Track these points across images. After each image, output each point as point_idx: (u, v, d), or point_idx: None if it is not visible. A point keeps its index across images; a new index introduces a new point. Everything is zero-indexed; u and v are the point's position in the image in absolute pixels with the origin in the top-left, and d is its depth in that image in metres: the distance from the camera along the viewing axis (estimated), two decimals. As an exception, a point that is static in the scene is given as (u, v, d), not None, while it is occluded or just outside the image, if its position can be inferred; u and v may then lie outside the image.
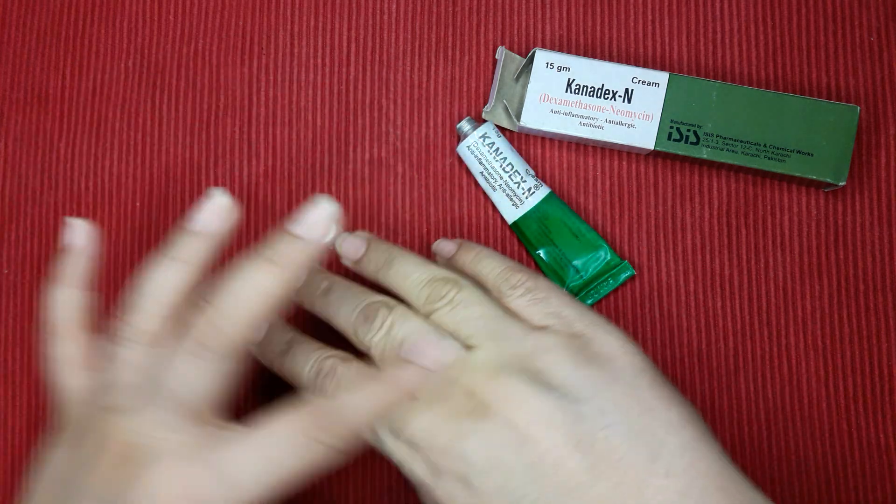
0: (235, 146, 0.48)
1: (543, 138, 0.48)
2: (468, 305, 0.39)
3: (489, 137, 0.46)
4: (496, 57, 0.47)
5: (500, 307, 0.39)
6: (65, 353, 0.36)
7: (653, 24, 0.48)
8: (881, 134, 0.47)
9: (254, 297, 0.35)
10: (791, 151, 0.45)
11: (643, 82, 0.45)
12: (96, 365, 0.36)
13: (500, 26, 0.48)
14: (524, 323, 0.38)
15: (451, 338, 0.38)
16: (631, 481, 0.35)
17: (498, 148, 0.46)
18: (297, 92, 0.48)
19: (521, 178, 0.46)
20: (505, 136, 0.47)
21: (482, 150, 0.46)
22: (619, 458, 0.35)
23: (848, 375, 0.46)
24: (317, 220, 0.35)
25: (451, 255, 0.42)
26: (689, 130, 0.45)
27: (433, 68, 0.48)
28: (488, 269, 0.41)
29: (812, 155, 0.45)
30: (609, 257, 0.46)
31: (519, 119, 0.46)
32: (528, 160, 0.47)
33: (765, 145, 0.45)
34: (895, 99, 0.47)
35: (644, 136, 0.45)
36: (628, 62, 0.48)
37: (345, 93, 0.48)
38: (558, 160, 0.48)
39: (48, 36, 0.49)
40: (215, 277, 0.36)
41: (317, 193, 0.41)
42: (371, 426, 0.38)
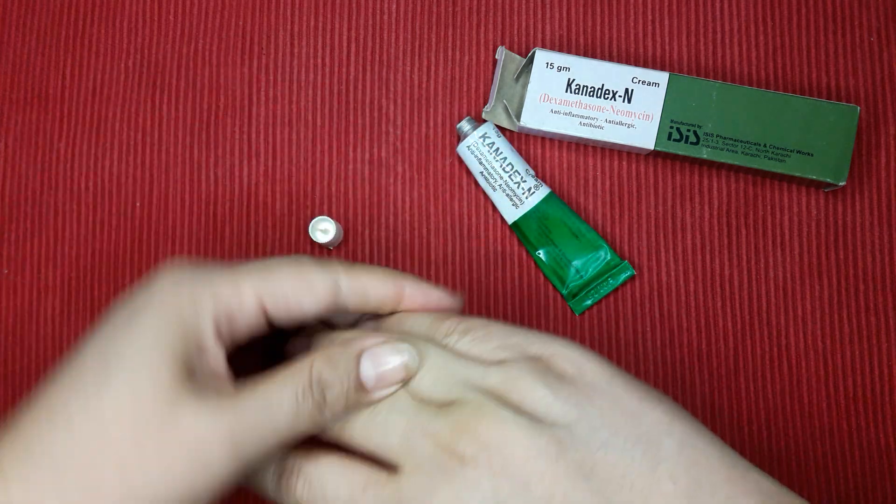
0: (235, 146, 0.48)
1: (543, 138, 0.48)
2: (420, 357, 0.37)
3: (489, 137, 0.46)
4: (496, 57, 0.47)
5: (448, 351, 0.36)
6: None
7: (653, 24, 0.48)
8: (881, 134, 0.47)
9: None
10: (791, 151, 0.45)
11: (643, 82, 0.45)
12: None
13: (500, 26, 0.48)
14: (478, 360, 0.36)
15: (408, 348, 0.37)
16: (639, 495, 0.34)
17: (498, 148, 0.46)
18: (297, 92, 0.48)
19: (521, 178, 0.46)
20: (505, 136, 0.47)
21: (482, 150, 0.46)
22: (621, 474, 0.34)
23: (848, 375, 0.46)
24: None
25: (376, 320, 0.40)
26: (689, 130, 0.45)
27: (433, 68, 0.48)
28: (415, 324, 0.38)
29: (812, 155, 0.45)
30: (609, 257, 0.46)
31: (519, 119, 0.46)
32: (528, 160, 0.47)
33: (765, 145, 0.45)
34: (895, 99, 0.47)
35: (644, 136, 0.45)
36: (628, 62, 0.48)
37: (345, 93, 0.48)
38: (558, 160, 0.48)
39: (48, 36, 0.49)
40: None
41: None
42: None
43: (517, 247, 0.47)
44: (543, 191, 0.46)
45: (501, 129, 0.47)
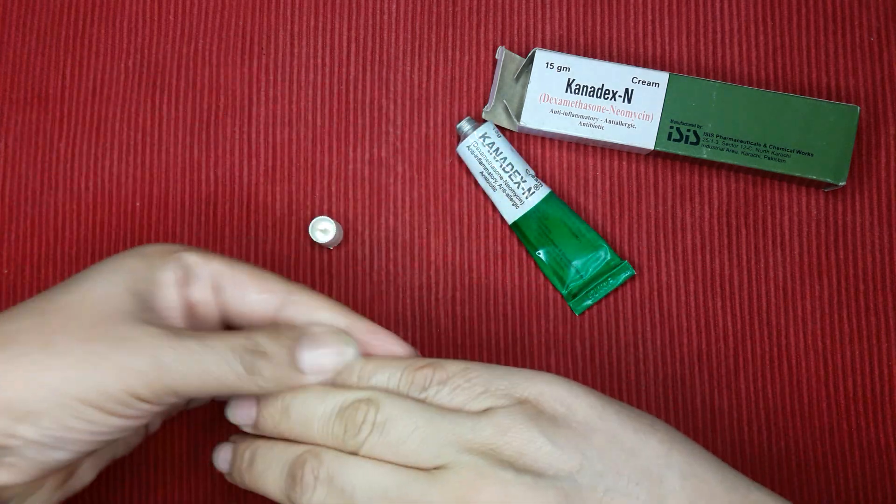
0: (235, 146, 0.48)
1: (543, 138, 0.48)
2: (397, 421, 0.34)
3: (489, 137, 0.46)
4: (496, 57, 0.47)
5: (429, 406, 0.34)
6: None
7: (653, 24, 0.48)
8: (881, 134, 0.47)
9: None
10: (791, 151, 0.45)
11: (643, 82, 0.45)
12: None
13: (500, 26, 0.48)
14: (463, 413, 0.34)
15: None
16: None
17: (498, 148, 0.46)
18: (297, 92, 0.48)
19: (521, 178, 0.46)
20: (505, 136, 0.47)
21: (482, 150, 0.46)
22: None
23: (848, 375, 0.46)
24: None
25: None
26: (689, 130, 0.45)
27: (433, 68, 0.48)
28: (386, 378, 0.36)
29: (812, 155, 0.45)
30: (609, 257, 0.46)
31: (519, 119, 0.46)
32: (528, 160, 0.47)
33: (765, 145, 0.45)
34: (895, 99, 0.47)
35: (644, 136, 0.45)
36: (628, 62, 0.48)
37: (345, 93, 0.48)
38: (558, 160, 0.48)
39: (48, 36, 0.49)
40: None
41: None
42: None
43: (517, 247, 0.47)
44: (543, 191, 0.46)
45: (501, 129, 0.47)
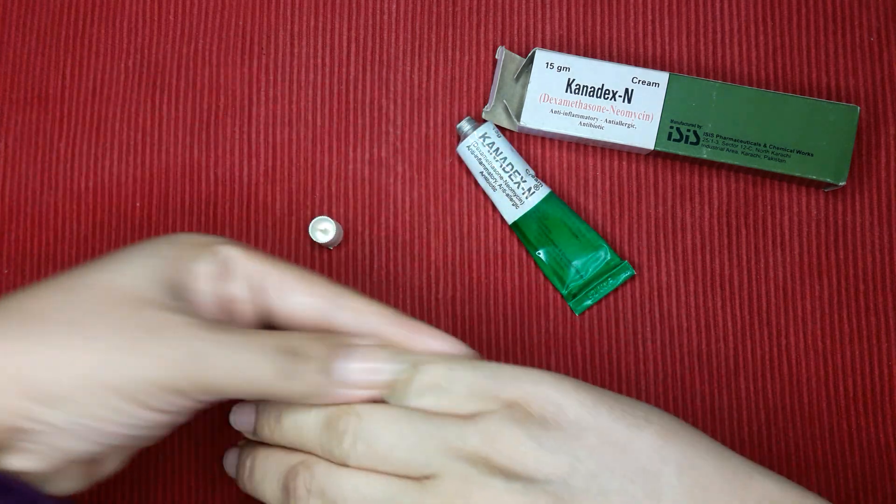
0: (235, 146, 0.48)
1: (543, 138, 0.48)
2: (382, 430, 0.33)
3: (489, 137, 0.46)
4: (496, 57, 0.47)
5: (414, 413, 0.33)
6: None
7: (653, 24, 0.48)
8: (881, 134, 0.47)
9: None
10: (791, 151, 0.45)
11: (643, 82, 0.45)
12: None
13: (500, 26, 0.48)
14: (450, 418, 0.33)
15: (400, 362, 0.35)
16: None
17: (498, 148, 0.46)
18: (297, 92, 0.48)
19: (521, 178, 0.46)
20: (505, 136, 0.47)
21: (482, 150, 0.46)
22: None
23: (848, 375, 0.46)
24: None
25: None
26: (689, 130, 0.45)
27: (433, 68, 0.48)
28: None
29: (812, 155, 0.45)
30: (609, 257, 0.46)
31: (519, 119, 0.46)
32: (528, 160, 0.47)
33: (765, 145, 0.45)
34: (895, 99, 0.47)
35: (644, 136, 0.45)
36: (628, 62, 0.48)
37: (345, 93, 0.48)
38: (558, 160, 0.48)
39: (48, 36, 0.49)
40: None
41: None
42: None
43: (517, 247, 0.47)
44: (543, 191, 0.46)
45: (501, 129, 0.47)
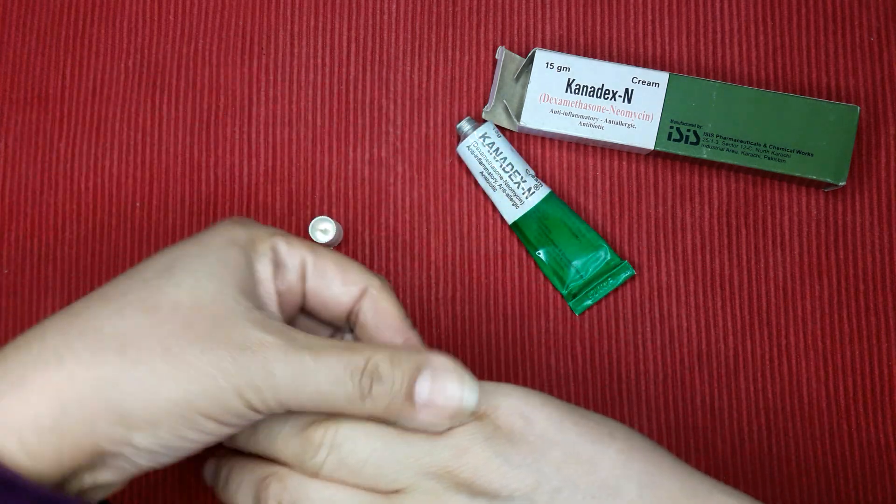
0: (235, 146, 0.48)
1: (543, 138, 0.48)
2: (355, 443, 0.33)
3: (489, 137, 0.46)
4: (496, 57, 0.47)
5: (389, 428, 0.34)
6: None
7: (653, 24, 0.48)
8: (881, 134, 0.47)
9: None
10: (791, 151, 0.45)
11: (643, 82, 0.45)
12: None
13: (500, 26, 0.48)
14: (421, 434, 0.34)
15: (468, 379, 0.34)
16: None
17: (498, 148, 0.46)
18: (297, 92, 0.48)
19: (521, 178, 0.46)
20: (505, 136, 0.47)
21: (482, 150, 0.46)
22: None
23: (848, 375, 0.46)
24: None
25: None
26: (689, 130, 0.45)
27: (433, 68, 0.48)
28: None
29: (812, 155, 0.45)
30: (609, 257, 0.46)
31: (519, 119, 0.46)
32: (528, 160, 0.47)
33: (765, 145, 0.45)
34: (895, 99, 0.47)
35: (644, 136, 0.45)
36: (628, 62, 0.48)
37: (345, 93, 0.48)
38: (558, 160, 0.48)
39: (48, 36, 0.49)
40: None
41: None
42: None
43: (517, 247, 0.47)
44: (543, 191, 0.46)
45: (501, 129, 0.47)
